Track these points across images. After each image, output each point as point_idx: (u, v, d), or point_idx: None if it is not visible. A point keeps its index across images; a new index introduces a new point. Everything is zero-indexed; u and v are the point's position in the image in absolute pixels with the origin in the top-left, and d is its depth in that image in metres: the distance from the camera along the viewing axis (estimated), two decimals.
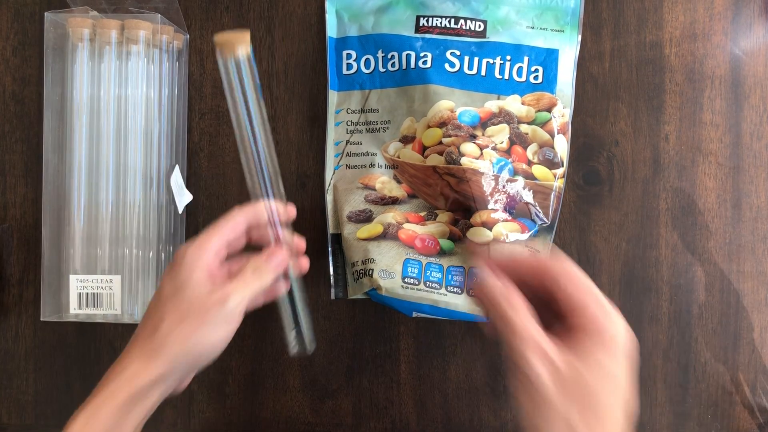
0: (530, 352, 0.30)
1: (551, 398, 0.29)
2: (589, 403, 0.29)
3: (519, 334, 0.30)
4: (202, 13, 0.48)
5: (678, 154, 0.48)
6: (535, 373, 0.29)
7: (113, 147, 0.45)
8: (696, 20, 0.48)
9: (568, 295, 0.31)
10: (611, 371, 0.30)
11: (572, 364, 0.29)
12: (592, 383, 0.29)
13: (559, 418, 0.29)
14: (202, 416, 0.49)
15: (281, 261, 0.39)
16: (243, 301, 0.36)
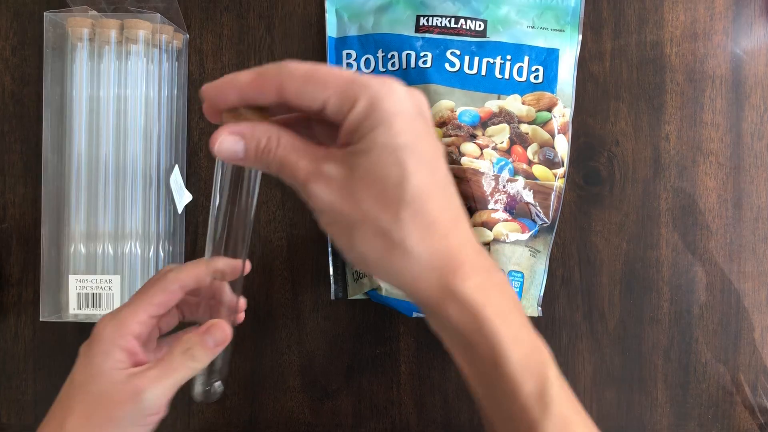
0: (311, 183, 0.26)
1: (348, 214, 0.26)
2: (384, 191, 0.25)
3: (294, 173, 0.27)
4: (202, 12, 0.48)
5: (679, 154, 0.48)
6: (325, 202, 0.26)
7: (113, 147, 0.45)
8: (696, 20, 0.48)
9: (306, 94, 0.26)
10: (386, 142, 0.25)
11: (350, 162, 0.26)
12: (375, 167, 0.25)
13: (364, 227, 0.26)
14: (201, 416, 0.49)
15: (223, 338, 0.33)
16: (164, 394, 0.31)
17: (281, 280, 0.48)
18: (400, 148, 0.26)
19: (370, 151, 0.25)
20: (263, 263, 0.48)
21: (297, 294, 0.48)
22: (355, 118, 0.26)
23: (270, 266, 0.48)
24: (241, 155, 0.27)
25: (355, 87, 0.26)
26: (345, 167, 0.26)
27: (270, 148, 0.27)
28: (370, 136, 0.25)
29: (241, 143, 0.27)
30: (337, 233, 0.27)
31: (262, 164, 0.27)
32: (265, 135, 0.27)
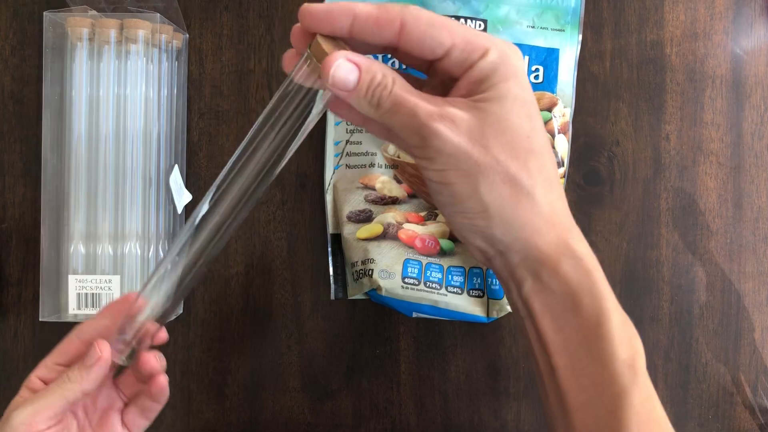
0: (435, 123, 0.25)
1: (476, 157, 0.25)
2: (515, 140, 0.26)
3: (414, 113, 0.25)
4: (202, 12, 0.48)
5: (679, 154, 0.48)
6: (452, 143, 0.25)
7: (112, 147, 0.45)
8: (697, 19, 0.48)
9: (428, 37, 0.25)
10: (518, 95, 0.26)
11: (480, 108, 0.25)
12: (508, 116, 0.25)
13: (493, 172, 0.25)
14: (201, 417, 0.49)
15: (95, 358, 0.32)
16: (33, 415, 0.30)
17: (281, 280, 0.48)
18: (528, 102, 0.26)
19: (502, 100, 0.25)
20: (263, 263, 0.48)
21: (297, 294, 0.48)
22: (487, 67, 0.25)
23: (270, 266, 0.48)
24: (352, 85, 0.26)
25: (483, 38, 0.26)
26: (474, 113, 0.25)
27: (386, 84, 0.26)
28: (502, 86, 0.25)
29: (356, 73, 0.26)
30: (459, 178, 0.26)
31: (372, 101, 0.26)
32: (381, 71, 0.26)
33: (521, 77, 0.26)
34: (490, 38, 0.26)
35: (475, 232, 0.27)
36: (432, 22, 0.25)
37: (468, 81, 0.26)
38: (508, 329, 0.48)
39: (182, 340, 0.48)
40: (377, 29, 0.26)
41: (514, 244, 0.27)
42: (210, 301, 0.48)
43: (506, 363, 0.48)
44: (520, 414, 0.48)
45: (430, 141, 0.25)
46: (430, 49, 0.26)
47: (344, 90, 0.26)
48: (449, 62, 0.26)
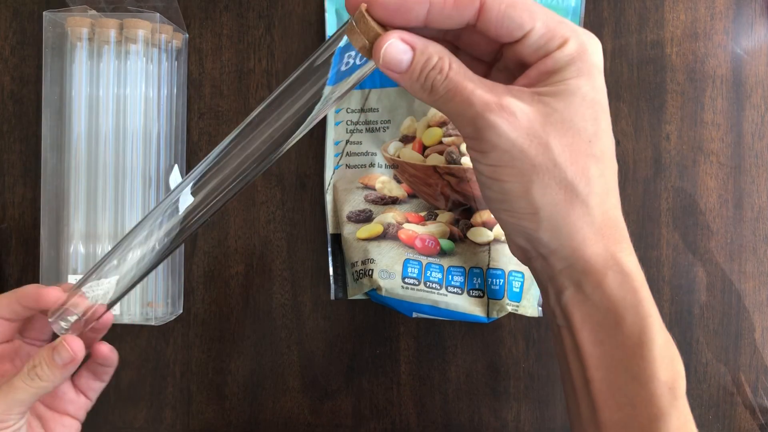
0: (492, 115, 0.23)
1: (533, 157, 0.24)
2: (576, 143, 0.24)
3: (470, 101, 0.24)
4: (201, 12, 0.48)
5: (679, 154, 0.48)
6: (508, 139, 0.24)
7: (112, 146, 0.45)
8: (697, 19, 0.48)
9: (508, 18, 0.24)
10: (588, 95, 0.24)
11: (544, 102, 0.24)
12: (573, 117, 0.24)
13: (549, 176, 0.24)
14: (201, 417, 0.48)
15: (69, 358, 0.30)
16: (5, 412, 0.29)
17: (281, 280, 0.48)
18: (598, 103, 0.25)
19: (570, 98, 0.24)
20: (263, 263, 0.48)
21: (297, 294, 0.48)
22: (563, 58, 0.24)
23: (270, 266, 0.48)
24: (405, 66, 0.24)
25: (565, 26, 0.24)
26: (536, 108, 0.24)
27: (442, 67, 0.24)
28: (573, 82, 0.24)
29: (410, 54, 0.24)
30: (511, 176, 0.24)
31: (425, 85, 0.25)
32: (438, 53, 0.24)
33: (596, 76, 0.25)
34: (573, 27, 0.25)
35: (521, 232, 0.26)
36: (513, 1, 0.24)
37: (539, 70, 0.24)
38: (508, 329, 0.48)
39: (182, 340, 0.48)
40: (456, 12, 0.24)
41: (559, 250, 0.26)
42: (210, 301, 0.48)
43: (506, 363, 0.48)
44: (520, 414, 0.48)
45: (484, 133, 0.24)
46: (509, 31, 0.24)
47: (396, 71, 0.25)
48: (524, 47, 0.24)
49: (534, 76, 0.25)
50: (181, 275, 0.48)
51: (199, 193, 0.30)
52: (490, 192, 0.26)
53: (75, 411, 0.36)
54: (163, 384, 0.49)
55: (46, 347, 0.31)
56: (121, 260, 0.31)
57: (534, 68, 0.25)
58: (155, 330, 0.48)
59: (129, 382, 0.48)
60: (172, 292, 0.47)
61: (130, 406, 0.49)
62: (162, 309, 0.46)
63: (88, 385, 0.35)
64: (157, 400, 0.49)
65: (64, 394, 0.35)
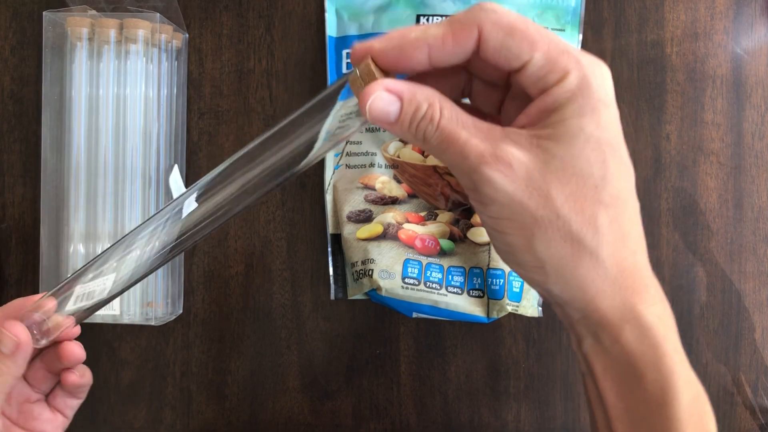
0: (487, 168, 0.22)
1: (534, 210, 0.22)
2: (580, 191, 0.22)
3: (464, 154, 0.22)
4: (201, 12, 0.48)
5: (679, 154, 0.48)
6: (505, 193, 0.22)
7: (112, 146, 0.45)
8: (697, 19, 0.48)
9: (505, 47, 0.22)
10: (592, 135, 0.22)
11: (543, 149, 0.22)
12: (575, 162, 0.22)
13: (552, 229, 0.22)
14: (201, 417, 0.48)
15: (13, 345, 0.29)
16: None
17: (281, 281, 0.48)
18: (605, 143, 0.22)
19: (572, 141, 0.22)
20: (263, 263, 0.48)
21: (297, 294, 0.48)
22: (562, 94, 0.22)
23: (270, 266, 0.48)
24: (393, 118, 0.23)
25: (567, 57, 0.22)
26: (535, 154, 0.22)
27: (432, 116, 0.23)
28: (575, 122, 0.22)
29: (397, 104, 0.23)
30: (513, 229, 0.23)
31: (417, 134, 0.23)
32: (427, 100, 0.23)
33: (601, 112, 0.22)
34: (576, 58, 0.22)
35: (531, 283, 0.25)
36: (512, 28, 0.22)
37: (539, 107, 0.23)
38: (508, 329, 0.48)
39: (182, 340, 0.48)
40: (456, 48, 0.23)
41: (572, 302, 0.24)
42: (210, 301, 0.48)
43: (506, 363, 0.48)
44: (520, 414, 0.48)
45: (481, 187, 0.23)
46: (507, 60, 0.23)
47: (384, 122, 0.24)
48: (524, 78, 0.23)
49: (534, 114, 0.23)
50: (181, 275, 0.48)
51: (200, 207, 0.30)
52: (495, 242, 0.25)
53: (52, 431, 0.34)
54: (163, 384, 0.49)
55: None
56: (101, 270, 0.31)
57: (534, 105, 0.23)
58: (155, 330, 0.48)
59: (129, 382, 0.48)
60: (172, 292, 0.47)
61: (130, 406, 0.49)
62: (162, 309, 0.46)
63: (65, 404, 0.34)
64: (157, 400, 0.49)
65: (40, 414, 0.33)
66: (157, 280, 0.46)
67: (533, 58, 0.22)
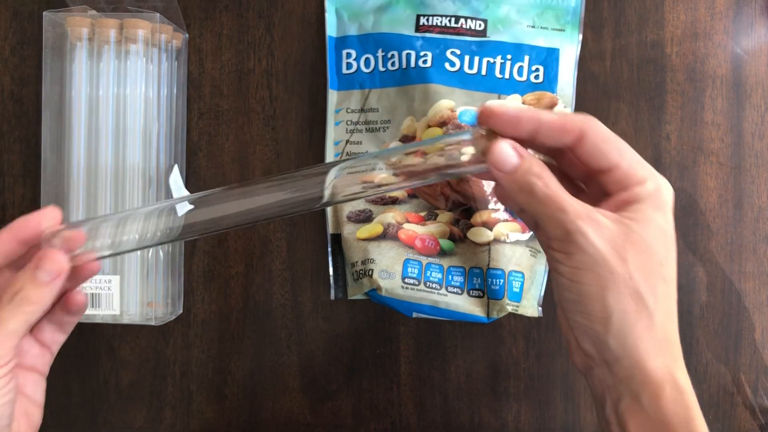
0: (582, 222, 0.27)
1: (613, 266, 0.27)
2: (649, 263, 0.28)
3: (563, 209, 0.27)
4: (201, 12, 0.48)
5: (679, 154, 0.48)
6: (593, 245, 0.27)
7: (112, 146, 0.45)
8: (697, 19, 0.48)
9: (600, 152, 0.28)
10: (662, 226, 0.28)
11: (626, 224, 0.27)
12: (649, 240, 0.28)
13: (624, 285, 0.27)
14: (201, 417, 0.48)
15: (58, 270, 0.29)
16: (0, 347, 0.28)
17: (281, 281, 0.48)
18: (669, 234, 0.29)
19: (648, 224, 0.28)
20: (263, 263, 0.48)
21: (297, 294, 0.48)
22: (641, 193, 0.28)
23: (270, 266, 0.48)
24: (510, 168, 0.28)
25: (645, 169, 0.29)
26: (618, 225, 0.27)
27: (542, 175, 0.28)
28: (650, 213, 0.28)
29: (517, 159, 0.28)
30: (590, 280, 0.27)
31: (525, 187, 0.28)
32: (538, 164, 0.28)
33: (668, 212, 0.29)
34: (651, 170, 0.29)
35: (589, 335, 0.29)
36: (608, 138, 0.29)
37: (620, 200, 0.28)
38: (508, 329, 0.48)
39: (182, 340, 0.48)
40: (560, 135, 0.29)
41: (623, 358, 0.28)
42: (210, 301, 0.48)
43: (506, 363, 0.48)
44: (520, 414, 0.48)
45: (574, 236, 0.27)
46: (598, 162, 0.28)
47: (503, 170, 0.28)
48: (609, 177, 0.29)
49: (615, 204, 0.28)
50: (181, 275, 0.48)
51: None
52: (567, 293, 0.29)
53: (42, 366, 0.34)
54: (163, 384, 0.49)
55: (26, 269, 0.29)
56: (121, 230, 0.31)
57: (615, 197, 0.29)
58: (155, 330, 0.48)
59: (129, 382, 0.48)
60: (172, 292, 0.47)
61: (130, 406, 0.49)
62: (162, 309, 0.46)
63: (53, 339, 0.34)
64: (157, 400, 0.49)
65: (29, 350, 0.33)
66: (157, 280, 0.46)
67: (621, 164, 0.28)
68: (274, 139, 0.48)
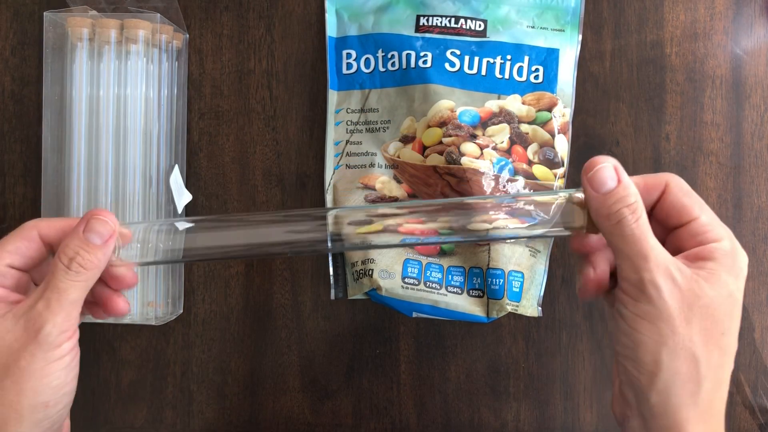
0: (660, 276, 0.27)
1: (677, 325, 0.27)
2: (712, 330, 0.27)
3: (645, 255, 0.27)
4: (202, 12, 0.48)
5: (679, 154, 0.48)
6: (664, 301, 0.27)
7: (112, 147, 0.45)
8: (697, 20, 0.48)
9: (682, 205, 0.28)
10: (733, 294, 0.28)
11: (699, 284, 0.27)
12: (717, 306, 0.27)
13: (682, 346, 0.27)
14: (201, 417, 0.49)
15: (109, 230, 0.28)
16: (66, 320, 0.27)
17: (281, 281, 0.48)
18: (738, 303, 0.28)
19: (719, 290, 0.27)
20: (263, 263, 0.48)
21: (297, 294, 0.48)
22: (718, 250, 0.28)
23: (270, 266, 0.48)
24: (605, 189, 0.28)
25: (723, 228, 0.29)
26: (692, 286, 0.27)
27: (635, 209, 0.28)
28: (725, 276, 0.27)
29: (615, 182, 0.28)
30: (650, 332, 0.27)
31: (616, 215, 0.28)
32: (635, 195, 0.28)
33: (741, 279, 0.28)
34: (729, 232, 0.29)
35: (635, 385, 0.28)
36: (689, 192, 0.29)
37: (696, 254, 0.28)
38: (508, 329, 0.48)
39: (182, 340, 0.48)
40: (646, 194, 0.29)
41: (662, 417, 0.27)
42: (210, 301, 0.48)
43: (506, 363, 0.48)
44: (520, 414, 0.48)
45: (647, 287, 0.27)
46: (679, 214, 0.29)
47: (597, 190, 0.28)
48: (686, 233, 0.28)
49: (691, 257, 0.28)
50: (182, 275, 0.48)
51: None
52: (623, 337, 0.28)
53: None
54: (164, 384, 0.49)
55: (73, 234, 0.28)
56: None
57: (692, 251, 0.28)
58: (156, 330, 0.48)
59: (129, 382, 0.49)
60: (173, 292, 0.47)
61: (131, 406, 0.49)
62: (162, 309, 0.46)
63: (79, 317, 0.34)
64: (157, 400, 0.49)
65: None
66: (158, 280, 0.46)
67: (701, 218, 0.28)
68: (275, 139, 0.48)
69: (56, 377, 0.28)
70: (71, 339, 0.28)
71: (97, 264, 0.28)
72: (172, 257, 0.32)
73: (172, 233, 0.32)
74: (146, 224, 0.33)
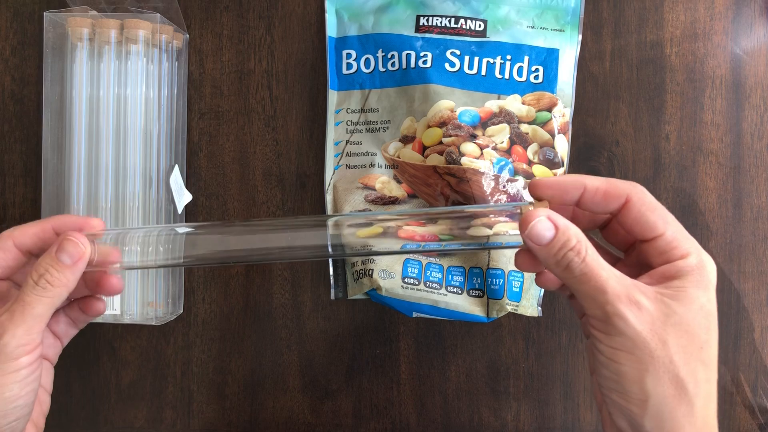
0: (621, 305, 0.26)
1: (653, 349, 0.26)
2: (690, 346, 0.27)
3: (602, 289, 0.27)
4: (202, 12, 0.48)
5: (679, 154, 0.48)
6: (633, 329, 0.26)
7: (112, 147, 0.45)
8: (697, 20, 0.48)
9: (645, 220, 0.28)
10: (704, 306, 0.27)
11: (667, 304, 0.27)
12: (690, 322, 0.27)
13: (664, 369, 0.26)
14: (201, 417, 0.49)
15: (79, 253, 0.29)
16: (26, 333, 0.28)
17: (281, 281, 0.48)
18: (711, 314, 0.27)
19: (690, 305, 0.27)
20: (263, 263, 0.48)
21: (297, 294, 0.48)
22: (684, 268, 0.27)
23: (270, 266, 0.48)
24: (545, 242, 0.28)
25: (689, 242, 0.28)
26: (659, 307, 0.27)
27: (579, 250, 0.27)
28: (693, 291, 0.27)
29: (552, 232, 0.28)
30: (629, 362, 0.27)
31: (562, 261, 0.27)
32: (576, 236, 0.28)
33: (711, 291, 0.28)
34: (696, 245, 0.28)
35: (626, 415, 0.28)
36: (653, 206, 0.28)
37: (662, 274, 0.28)
38: (508, 329, 0.48)
39: (183, 340, 0.48)
40: (604, 201, 0.29)
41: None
42: (210, 301, 0.48)
43: (506, 363, 0.48)
44: (520, 414, 0.48)
45: (612, 319, 0.27)
46: (642, 230, 0.28)
47: (537, 243, 0.28)
48: (653, 248, 0.28)
49: (657, 277, 0.28)
50: (182, 275, 0.48)
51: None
52: (605, 371, 0.28)
53: (53, 356, 0.35)
54: (164, 384, 0.49)
55: (49, 252, 0.29)
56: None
57: (658, 270, 0.28)
58: (156, 330, 0.48)
59: (129, 382, 0.49)
60: (173, 292, 0.47)
61: (131, 406, 0.49)
62: (162, 309, 0.46)
63: (66, 331, 0.35)
64: (157, 400, 0.49)
65: (45, 338, 0.34)
66: (158, 280, 0.46)
67: (665, 233, 0.28)
68: (275, 139, 0.48)
69: (9, 389, 0.28)
70: (31, 354, 0.29)
71: (65, 282, 0.29)
72: (171, 262, 0.33)
73: (171, 238, 0.32)
74: (146, 229, 0.33)
